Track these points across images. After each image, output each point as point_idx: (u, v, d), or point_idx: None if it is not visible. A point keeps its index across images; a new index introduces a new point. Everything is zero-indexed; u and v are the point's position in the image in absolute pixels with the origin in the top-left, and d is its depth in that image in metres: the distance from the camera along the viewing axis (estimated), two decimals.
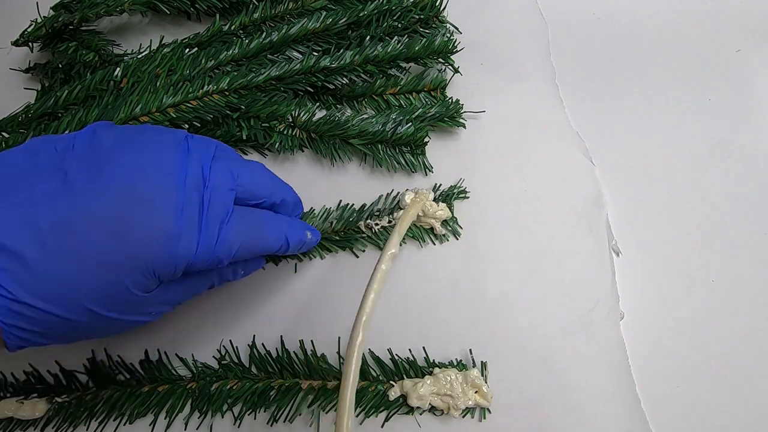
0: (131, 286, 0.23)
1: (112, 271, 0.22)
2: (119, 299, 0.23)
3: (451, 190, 0.37)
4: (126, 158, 0.23)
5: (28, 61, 0.42)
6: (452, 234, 0.36)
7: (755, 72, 0.41)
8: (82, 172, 0.23)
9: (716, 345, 0.34)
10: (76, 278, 0.22)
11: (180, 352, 0.34)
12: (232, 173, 0.26)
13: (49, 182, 0.22)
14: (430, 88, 0.39)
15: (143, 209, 0.23)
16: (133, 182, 0.23)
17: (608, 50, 0.43)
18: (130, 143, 0.24)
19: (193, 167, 0.24)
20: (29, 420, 0.33)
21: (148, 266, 0.23)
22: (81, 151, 0.23)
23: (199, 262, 0.24)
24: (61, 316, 0.22)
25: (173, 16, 0.43)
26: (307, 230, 0.31)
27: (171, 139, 0.25)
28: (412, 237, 0.36)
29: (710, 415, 0.33)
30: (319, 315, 0.35)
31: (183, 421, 0.33)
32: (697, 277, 0.36)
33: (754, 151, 0.39)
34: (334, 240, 0.36)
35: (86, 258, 0.22)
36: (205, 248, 0.24)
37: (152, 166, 0.23)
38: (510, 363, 0.33)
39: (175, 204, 0.23)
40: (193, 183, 0.24)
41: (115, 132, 0.25)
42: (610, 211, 0.37)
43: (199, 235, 0.24)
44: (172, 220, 0.23)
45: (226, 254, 0.25)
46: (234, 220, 0.25)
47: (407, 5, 0.39)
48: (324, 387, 0.33)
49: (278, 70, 0.37)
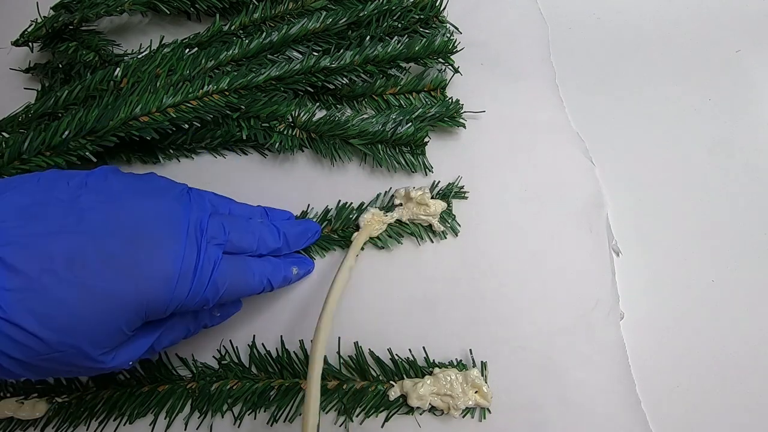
0: (124, 322, 0.25)
1: (112, 304, 0.24)
2: (108, 334, 0.25)
3: (449, 188, 0.37)
4: (137, 204, 0.26)
5: (28, 61, 0.42)
6: (451, 231, 0.36)
7: (755, 72, 0.41)
8: (97, 211, 0.25)
9: (716, 345, 0.34)
10: (77, 307, 0.23)
11: (180, 352, 0.34)
12: (225, 228, 0.29)
13: (65, 216, 0.24)
14: (430, 88, 0.39)
15: (150, 251, 0.25)
16: (143, 227, 0.26)
17: (608, 50, 0.43)
18: (141, 192, 0.27)
19: (194, 218, 0.27)
20: (29, 420, 0.33)
21: (143, 303, 0.25)
22: (95, 191, 0.26)
23: (190, 302, 0.26)
24: (47, 341, 0.23)
25: (173, 16, 0.43)
26: (294, 266, 0.34)
27: (175, 191, 0.29)
28: (410, 234, 0.36)
29: (710, 415, 0.33)
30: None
31: (183, 421, 0.33)
32: (697, 277, 0.36)
33: (754, 151, 0.39)
34: (333, 239, 0.36)
35: (92, 289, 0.24)
36: (197, 290, 0.26)
37: (161, 214, 0.27)
38: (510, 363, 0.33)
39: (179, 249, 0.26)
40: (194, 232, 0.27)
41: (125, 178, 0.28)
42: (610, 211, 0.37)
43: (194, 278, 0.26)
44: (175, 263, 0.25)
45: (213, 296, 0.27)
46: (223, 266, 0.28)
47: (407, 5, 0.39)
48: (324, 387, 0.33)
49: (278, 70, 0.37)
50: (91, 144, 0.33)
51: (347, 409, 0.32)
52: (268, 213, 0.35)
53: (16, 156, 0.33)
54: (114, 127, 0.33)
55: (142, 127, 0.33)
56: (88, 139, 0.33)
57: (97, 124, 0.32)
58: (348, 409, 0.32)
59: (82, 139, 0.33)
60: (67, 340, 0.23)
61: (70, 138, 0.32)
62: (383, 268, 0.36)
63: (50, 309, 0.23)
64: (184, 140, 0.39)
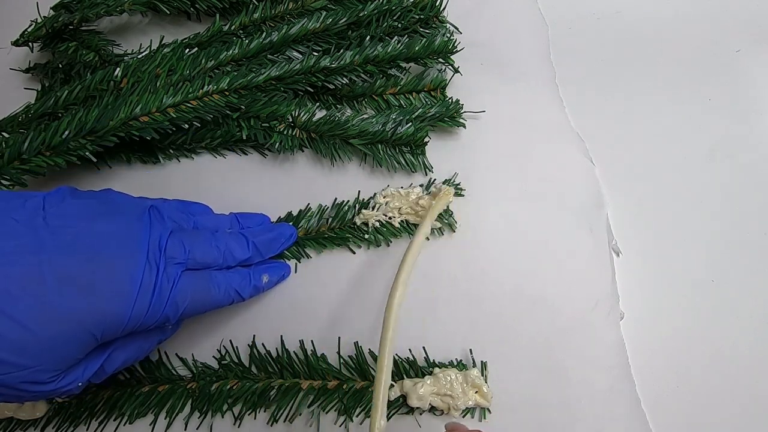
0: (78, 344, 0.25)
1: (69, 325, 0.24)
2: (62, 356, 0.25)
3: (446, 184, 0.37)
4: (95, 225, 0.26)
5: (28, 61, 0.42)
6: (448, 228, 0.36)
7: (755, 72, 0.41)
8: (54, 233, 0.25)
9: (716, 345, 0.34)
10: (32, 328, 0.23)
11: (180, 352, 0.35)
12: (185, 247, 0.28)
13: (21, 237, 0.24)
14: (430, 88, 0.39)
15: (108, 272, 0.25)
16: (101, 248, 0.26)
17: (608, 50, 0.43)
18: (99, 213, 0.27)
19: (154, 237, 0.27)
20: (29, 420, 0.33)
21: (100, 323, 0.25)
22: (52, 213, 0.26)
23: (149, 321, 0.27)
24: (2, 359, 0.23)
25: (173, 16, 0.43)
26: (265, 274, 0.33)
27: (135, 211, 0.28)
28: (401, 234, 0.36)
29: (710, 415, 0.33)
30: (320, 315, 0.35)
31: (183, 421, 0.33)
32: (697, 277, 0.36)
33: (753, 151, 0.39)
34: (331, 238, 0.36)
35: (48, 310, 0.23)
36: (156, 309, 0.27)
37: (119, 235, 0.26)
38: (510, 363, 0.33)
39: (137, 270, 0.26)
40: (153, 252, 0.27)
41: (83, 199, 0.28)
42: (610, 211, 0.37)
43: (152, 298, 0.26)
44: (133, 283, 0.26)
45: (173, 313, 0.28)
46: (182, 283, 0.28)
47: (407, 5, 0.40)
48: (324, 387, 0.33)
49: (278, 70, 0.37)
50: (91, 144, 0.33)
51: (347, 409, 0.32)
52: (240, 220, 0.34)
53: (16, 156, 0.33)
54: (114, 127, 0.33)
55: (142, 127, 0.33)
56: (88, 139, 0.33)
57: (97, 124, 0.32)
58: (348, 409, 0.32)
59: (82, 139, 0.33)
60: (20, 361, 0.23)
61: (70, 138, 0.32)
62: (383, 267, 0.36)
63: (4, 330, 0.23)
64: (184, 140, 0.39)
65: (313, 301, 0.35)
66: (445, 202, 0.36)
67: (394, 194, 0.37)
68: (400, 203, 0.36)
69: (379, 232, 0.36)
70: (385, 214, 0.36)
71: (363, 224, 0.36)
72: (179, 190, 0.38)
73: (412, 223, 0.36)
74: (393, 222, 0.36)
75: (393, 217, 0.36)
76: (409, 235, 0.36)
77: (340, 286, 0.36)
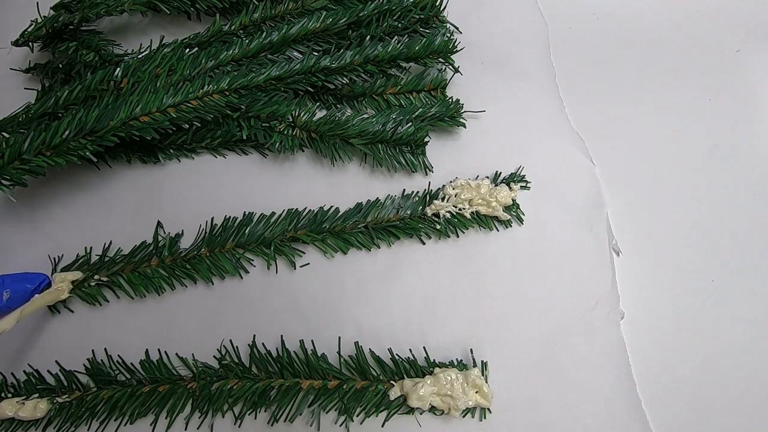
0: None
1: None
2: None
3: (512, 177, 0.37)
4: None
5: (28, 61, 0.42)
6: (517, 219, 0.36)
7: (755, 72, 0.41)
8: None
9: (716, 345, 0.34)
10: None
11: (180, 352, 0.35)
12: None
13: None
14: (430, 88, 0.39)
15: None
16: None
17: (608, 50, 0.43)
18: None
19: None
20: (30, 420, 0.33)
21: None
22: None
23: None
24: None
25: (173, 16, 0.43)
26: (6, 290, 0.33)
27: None
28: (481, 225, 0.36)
29: (710, 415, 0.33)
30: (319, 315, 0.35)
31: (184, 420, 0.33)
32: (697, 277, 0.36)
33: (754, 151, 0.39)
34: (402, 227, 0.36)
35: None
36: None
37: None
38: (510, 363, 0.33)
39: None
40: None
41: None
42: (610, 211, 0.37)
43: None
44: None
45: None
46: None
47: (407, 5, 0.39)
48: (324, 387, 0.33)
49: (278, 70, 0.37)
50: (91, 144, 0.33)
51: (347, 409, 0.32)
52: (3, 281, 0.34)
53: (16, 156, 0.33)
54: (114, 127, 0.33)
55: (142, 127, 0.33)
56: (88, 139, 0.33)
57: (97, 124, 0.32)
58: (348, 409, 0.32)
59: (83, 139, 0.33)
60: None
61: (71, 138, 0.32)
62: (383, 267, 0.36)
63: None
64: (184, 140, 0.39)
65: (313, 301, 0.35)
66: (50, 299, 0.34)
67: (464, 185, 0.36)
68: (470, 194, 0.36)
69: (451, 223, 0.36)
70: (455, 205, 0.36)
71: (434, 215, 0.36)
72: (179, 190, 0.38)
73: (482, 215, 0.36)
74: (464, 213, 0.36)
75: (464, 208, 0.36)
76: (480, 226, 0.36)
77: (341, 286, 0.36)
